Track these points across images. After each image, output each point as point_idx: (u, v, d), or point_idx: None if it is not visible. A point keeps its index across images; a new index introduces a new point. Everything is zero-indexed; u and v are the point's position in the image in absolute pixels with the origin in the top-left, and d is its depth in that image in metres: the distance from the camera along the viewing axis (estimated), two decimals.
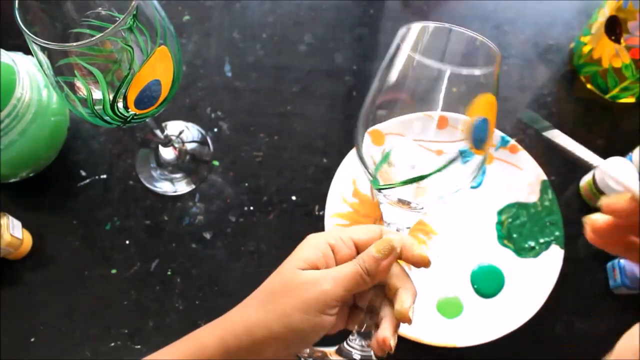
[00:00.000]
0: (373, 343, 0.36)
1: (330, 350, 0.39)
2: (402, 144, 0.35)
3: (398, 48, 0.34)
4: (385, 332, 0.36)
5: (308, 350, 0.38)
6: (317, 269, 0.36)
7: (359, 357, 0.38)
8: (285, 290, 0.35)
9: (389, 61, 0.35)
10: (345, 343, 0.40)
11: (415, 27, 0.34)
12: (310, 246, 0.37)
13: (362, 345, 0.39)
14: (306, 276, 0.35)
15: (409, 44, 0.34)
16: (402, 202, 0.36)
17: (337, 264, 0.37)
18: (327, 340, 0.37)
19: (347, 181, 0.57)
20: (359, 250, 0.37)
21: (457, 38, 0.34)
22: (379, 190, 0.37)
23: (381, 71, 0.35)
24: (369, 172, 0.37)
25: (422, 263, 0.37)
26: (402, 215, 0.37)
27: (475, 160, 0.35)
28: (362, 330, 0.39)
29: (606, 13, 0.58)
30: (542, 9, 0.70)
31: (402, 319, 0.36)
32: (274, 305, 0.35)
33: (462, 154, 0.34)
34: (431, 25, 0.34)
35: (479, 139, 0.34)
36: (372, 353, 0.38)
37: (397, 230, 0.38)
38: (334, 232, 0.38)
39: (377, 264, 0.35)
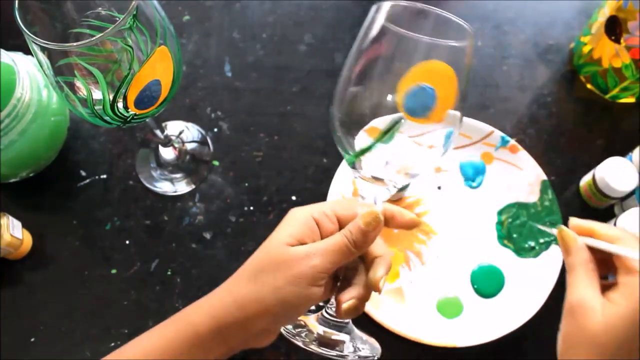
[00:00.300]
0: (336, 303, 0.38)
1: (310, 319, 0.41)
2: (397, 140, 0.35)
3: (372, 22, 0.35)
4: (344, 296, 0.37)
5: None
6: (304, 243, 0.36)
7: (334, 322, 0.40)
8: (274, 265, 0.35)
9: (362, 35, 0.35)
10: (324, 310, 0.41)
11: (386, 5, 0.35)
12: (296, 221, 0.37)
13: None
14: (295, 251, 0.35)
15: (382, 20, 0.34)
16: (376, 179, 0.37)
17: (322, 238, 0.37)
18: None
19: (347, 181, 0.57)
20: (340, 224, 0.38)
21: (427, 17, 0.35)
22: (351, 165, 0.38)
23: (355, 46, 0.36)
24: (347, 146, 0.37)
25: (415, 224, 0.40)
26: (377, 190, 0.38)
27: (437, 134, 0.35)
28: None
29: (606, 13, 0.58)
30: (542, 9, 0.70)
31: (373, 287, 0.37)
32: (264, 279, 0.35)
33: (397, 124, 0.34)
34: (402, 3, 0.35)
35: (413, 106, 0.34)
36: (348, 320, 0.41)
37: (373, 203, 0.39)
38: (317, 206, 0.39)
39: (364, 236, 0.36)
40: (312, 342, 0.39)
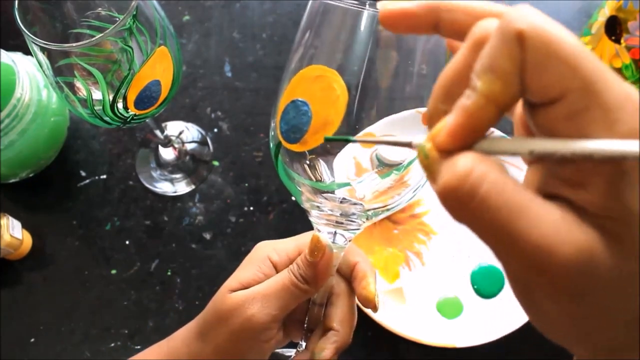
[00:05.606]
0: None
1: None
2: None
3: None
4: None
5: None
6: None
7: None
8: (217, 318, 0.32)
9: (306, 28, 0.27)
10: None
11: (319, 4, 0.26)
12: (252, 263, 0.33)
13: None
14: (232, 299, 0.31)
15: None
16: (337, 222, 0.31)
17: None
18: None
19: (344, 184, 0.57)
20: None
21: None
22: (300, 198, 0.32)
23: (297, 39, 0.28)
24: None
25: (366, 303, 0.33)
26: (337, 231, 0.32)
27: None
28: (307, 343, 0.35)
29: (606, 13, 0.58)
30: (542, 9, 0.69)
31: None
32: (209, 337, 0.32)
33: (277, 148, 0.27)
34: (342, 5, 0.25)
35: (286, 129, 0.26)
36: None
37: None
38: (281, 243, 0.35)
39: (312, 268, 0.31)
40: None
